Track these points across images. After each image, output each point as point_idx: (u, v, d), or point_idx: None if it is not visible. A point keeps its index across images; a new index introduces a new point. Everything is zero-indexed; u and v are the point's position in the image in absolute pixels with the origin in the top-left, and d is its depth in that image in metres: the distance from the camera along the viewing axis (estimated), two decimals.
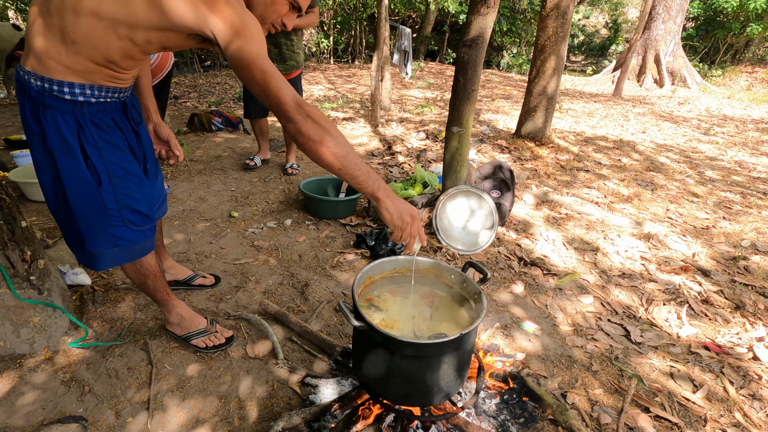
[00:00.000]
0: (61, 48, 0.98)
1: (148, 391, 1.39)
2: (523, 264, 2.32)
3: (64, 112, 1.06)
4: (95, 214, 1.17)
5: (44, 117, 1.05)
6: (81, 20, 0.95)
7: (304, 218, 2.70)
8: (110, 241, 1.23)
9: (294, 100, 0.98)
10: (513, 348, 1.71)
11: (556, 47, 4.06)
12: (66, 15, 0.95)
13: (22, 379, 1.39)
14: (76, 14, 0.95)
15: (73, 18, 0.95)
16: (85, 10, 0.94)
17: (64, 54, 0.99)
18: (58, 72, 1.01)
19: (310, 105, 1.01)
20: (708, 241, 2.70)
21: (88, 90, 1.06)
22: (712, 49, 13.47)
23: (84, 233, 1.19)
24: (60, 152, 1.08)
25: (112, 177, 1.17)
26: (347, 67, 11.22)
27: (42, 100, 1.03)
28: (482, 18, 1.96)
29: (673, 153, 4.80)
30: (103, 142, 1.14)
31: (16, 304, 1.41)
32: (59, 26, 0.96)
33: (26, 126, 1.09)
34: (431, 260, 1.38)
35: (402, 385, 1.11)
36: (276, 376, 1.50)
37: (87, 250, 1.22)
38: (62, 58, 0.99)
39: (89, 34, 0.97)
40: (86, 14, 0.95)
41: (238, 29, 0.96)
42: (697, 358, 1.71)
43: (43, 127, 1.06)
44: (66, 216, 1.18)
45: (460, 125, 2.19)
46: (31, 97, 1.04)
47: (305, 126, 0.98)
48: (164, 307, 1.56)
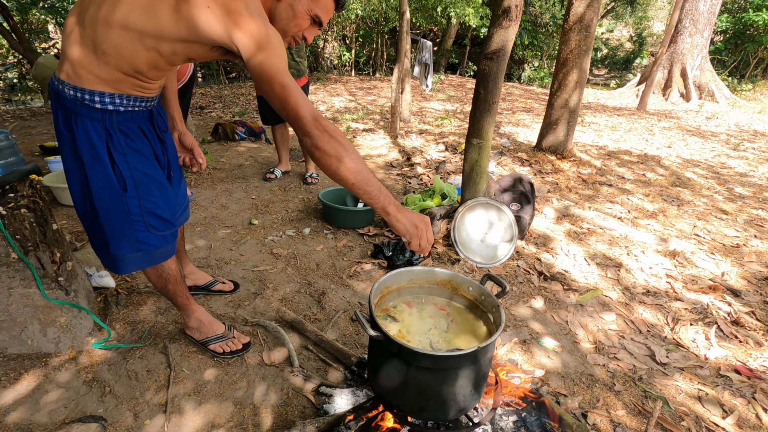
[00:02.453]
0: (92, 58, 1.03)
1: (166, 394, 1.41)
2: (543, 278, 2.27)
3: (94, 120, 1.11)
4: (120, 218, 1.21)
5: (75, 124, 1.10)
6: (111, 32, 1.00)
7: (322, 227, 2.72)
8: (133, 246, 1.26)
9: (312, 115, 1.00)
10: (532, 364, 1.67)
11: (578, 60, 4.03)
12: (98, 27, 1.00)
13: (47, 378, 1.43)
14: (107, 26, 0.99)
15: (104, 29, 1.00)
16: (115, 22, 0.99)
17: (95, 64, 1.04)
18: (90, 82, 1.06)
19: (326, 120, 1.03)
20: (738, 259, 2.60)
21: (117, 99, 1.11)
22: (741, 62, 13.12)
23: (108, 237, 1.23)
24: (89, 158, 1.13)
25: (137, 183, 1.21)
26: (368, 79, 11.36)
27: (74, 108, 1.08)
28: (504, 31, 1.96)
29: (700, 168, 4.66)
30: (129, 150, 1.18)
31: (45, 304, 1.46)
32: (92, 37, 1.01)
33: (58, 133, 1.15)
34: (449, 272, 1.37)
35: (417, 397, 1.10)
36: (291, 384, 1.50)
37: (111, 253, 1.26)
38: (93, 68, 1.04)
39: (118, 45, 1.01)
40: (116, 26, 0.99)
41: (262, 44, 0.98)
42: (726, 382, 1.63)
43: (74, 134, 1.11)
44: (92, 220, 1.23)
45: (480, 137, 2.19)
46: (64, 105, 1.09)
47: (321, 141, 1.00)
48: (184, 311, 1.59)
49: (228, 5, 0.97)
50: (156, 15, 0.99)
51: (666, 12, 19.81)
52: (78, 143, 1.12)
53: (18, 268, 1.39)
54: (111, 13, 0.99)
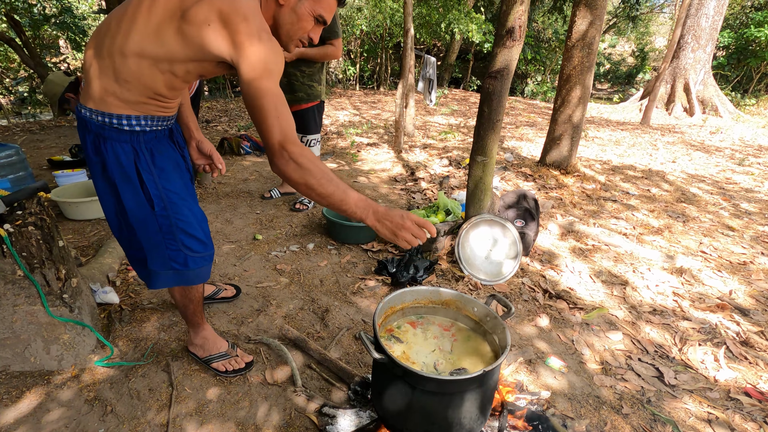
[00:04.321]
0: (115, 87, 1.10)
1: (167, 414, 1.40)
2: (548, 296, 2.25)
3: (123, 142, 1.16)
4: (153, 235, 1.26)
5: (104, 148, 1.16)
6: (128, 61, 1.05)
7: (326, 242, 2.72)
8: (165, 263, 1.30)
9: (279, 141, 1.03)
10: (537, 385, 1.64)
11: (581, 77, 4.06)
12: (115, 57, 1.06)
13: (48, 396, 1.42)
14: (123, 56, 1.05)
15: (121, 59, 1.06)
16: (130, 52, 1.04)
17: (119, 91, 1.10)
18: (116, 107, 1.12)
19: (295, 146, 1.04)
20: (746, 277, 2.57)
21: (143, 120, 1.17)
22: (744, 77, 13.17)
23: (146, 252, 1.28)
24: (119, 179, 1.18)
25: (166, 202, 1.25)
26: (372, 94, 11.47)
27: (102, 133, 1.14)
28: (508, 51, 1.98)
29: (705, 184, 4.65)
30: (156, 169, 1.23)
31: (49, 321, 1.46)
32: (111, 67, 1.08)
33: (88, 158, 1.20)
34: (454, 292, 1.36)
35: (422, 421, 1.08)
36: (294, 404, 1.49)
37: (147, 268, 1.31)
38: (118, 94, 1.11)
39: (137, 73, 1.08)
40: (131, 55, 1.04)
41: (258, 68, 1.01)
42: (737, 405, 1.60)
43: (104, 158, 1.17)
44: (129, 236, 1.29)
45: (485, 154, 2.20)
46: (92, 131, 1.15)
47: (287, 169, 1.04)
48: (194, 329, 1.59)
49: (228, 22, 0.99)
50: (164, 40, 1.03)
51: (668, 27, 19.99)
52: (108, 166, 1.18)
53: (23, 285, 1.40)
54: (125, 43, 1.05)
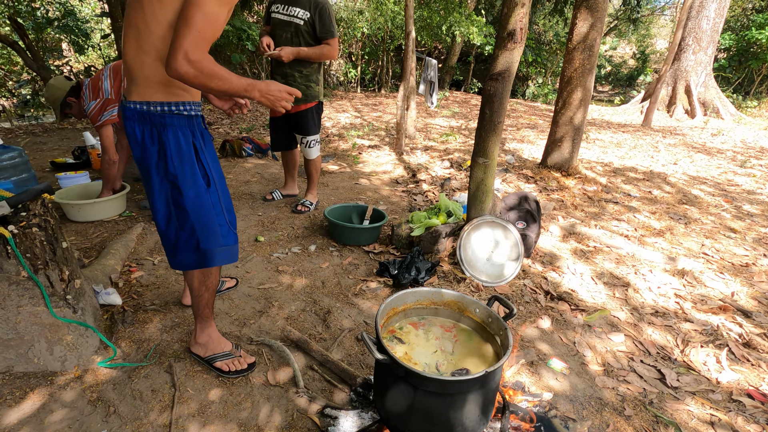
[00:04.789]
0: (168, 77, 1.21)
1: (170, 415, 1.40)
2: (550, 298, 2.25)
3: (183, 127, 1.29)
4: (207, 214, 1.36)
5: (165, 135, 1.27)
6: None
7: (328, 244, 2.72)
8: (217, 240, 1.40)
9: (186, 51, 1.06)
10: (539, 386, 1.64)
11: (582, 79, 4.07)
12: (161, 51, 1.17)
13: (52, 397, 1.43)
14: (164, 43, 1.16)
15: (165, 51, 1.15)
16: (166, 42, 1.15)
17: (174, 80, 1.21)
18: (177, 95, 1.26)
19: (200, 62, 1.09)
20: (748, 279, 2.57)
21: (194, 105, 1.31)
22: (746, 79, 13.17)
23: (198, 234, 1.36)
24: (179, 162, 1.28)
25: (216, 180, 1.37)
26: (373, 96, 11.50)
27: (164, 122, 1.26)
28: (509, 53, 1.99)
29: (707, 185, 4.64)
30: (207, 149, 1.36)
31: (52, 322, 1.47)
32: (160, 60, 1.18)
33: (142, 149, 1.28)
34: (456, 293, 1.36)
35: (424, 422, 1.08)
36: (296, 406, 1.49)
37: (201, 249, 1.38)
38: (175, 83, 1.23)
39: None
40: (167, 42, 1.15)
41: None
42: (740, 407, 1.60)
43: (165, 145, 1.27)
44: (179, 225, 1.36)
45: (486, 156, 2.20)
46: (152, 121, 1.25)
47: (188, 74, 1.08)
48: (201, 324, 1.60)
49: None
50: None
51: (668, 30, 20.00)
52: (168, 152, 1.27)
53: (27, 286, 1.40)
54: (158, 37, 1.16)
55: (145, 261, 2.37)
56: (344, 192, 3.83)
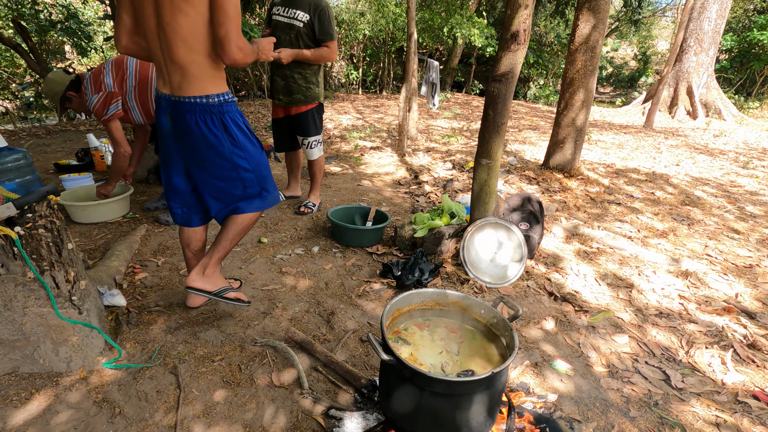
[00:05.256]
0: (215, 71, 1.49)
1: (175, 416, 1.40)
2: (554, 299, 2.25)
3: (235, 111, 1.59)
4: (265, 169, 1.72)
5: (226, 120, 1.55)
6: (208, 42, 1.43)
7: (331, 246, 2.72)
8: (273, 185, 1.78)
9: (235, 42, 1.36)
10: (544, 388, 1.64)
11: (584, 81, 4.07)
12: (206, 50, 1.42)
13: (57, 398, 1.43)
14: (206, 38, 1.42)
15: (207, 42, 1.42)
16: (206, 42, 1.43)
17: (220, 74, 1.51)
18: (224, 86, 1.54)
19: (245, 46, 1.41)
20: (752, 280, 2.56)
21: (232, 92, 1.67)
22: (747, 81, 13.15)
23: (261, 185, 1.71)
24: (241, 137, 1.60)
25: (259, 143, 1.71)
26: (375, 98, 11.51)
27: (221, 110, 1.53)
28: (512, 54, 1.99)
29: (709, 187, 4.64)
30: (246, 122, 1.67)
31: (58, 323, 1.47)
32: (210, 57, 1.44)
33: (203, 139, 1.53)
34: (461, 294, 1.36)
35: (430, 423, 1.08)
36: (300, 407, 1.49)
37: (263, 195, 1.73)
38: (222, 76, 1.52)
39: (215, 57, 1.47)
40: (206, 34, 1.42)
41: None
42: (745, 409, 1.59)
43: (227, 126, 1.55)
44: (245, 184, 1.66)
45: (489, 158, 2.20)
46: (212, 111, 1.51)
47: (237, 58, 1.40)
48: (218, 262, 1.80)
49: None
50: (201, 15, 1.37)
51: (670, 31, 20.00)
52: (232, 132, 1.57)
53: (33, 287, 1.41)
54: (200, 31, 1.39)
55: (149, 262, 2.38)
56: (347, 193, 3.83)
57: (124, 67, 2.56)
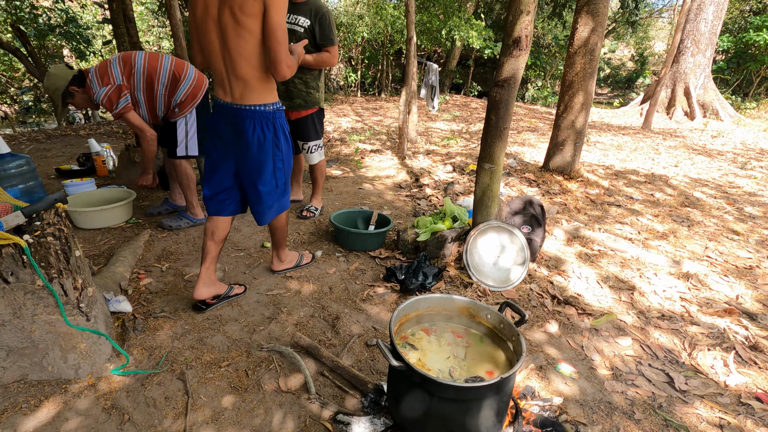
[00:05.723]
0: (266, 83, 1.75)
1: (184, 422, 1.41)
2: (557, 302, 2.27)
3: (281, 118, 1.86)
4: (290, 173, 2.01)
5: (276, 125, 1.83)
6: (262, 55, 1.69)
7: (334, 250, 2.74)
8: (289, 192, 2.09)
9: (286, 61, 1.65)
10: (549, 391, 1.65)
11: (584, 83, 4.09)
12: (264, 65, 1.71)
13: (66, 405, 1.44)
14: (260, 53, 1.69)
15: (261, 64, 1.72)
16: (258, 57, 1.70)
17: (272, 86, 1.79)
18: (276, 97, 1.82)
19: (293, 65, 1.71)
20: (752, 282, 2.58)
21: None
22: (744, 81, 13.22)
23: (288, 187, 2.03)
24: (284, 142, 1.89)
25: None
26: (374, 100, 11.54)
27: (273, 116, 1.81)
28: (515, 60, 2.01)
29: (708, 188, 4.66)
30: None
31: (66, 330, 1.48)
32: (263, 71, 1.72)
33: (256, 141, 1.79)
34: (467, 299, 1.38)
35: (440, 428, 1.10)
36: (308, 412, 1.50)
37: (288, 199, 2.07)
38: (274, 87, 1.80)
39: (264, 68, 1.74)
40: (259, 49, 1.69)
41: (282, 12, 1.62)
42: (748, 410, 1.61)
43: (276, 131, 1.83)
44: (284, 180, 1.96)
45: (492, 162, 2.22)
46: (266, 117, 1.78)
47: (287, 75, 1.70)
48: (283, 248, 2.31)
49: None
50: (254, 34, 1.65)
51: (666, 32, 20.10)
52: (279, 135, 1.85)
53: (42, 295, 1.42)
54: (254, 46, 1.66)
55: (153, 268, 2.38)
56: (348, 197, 3.84)
57: (132, 62, 2.52)
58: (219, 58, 1.70)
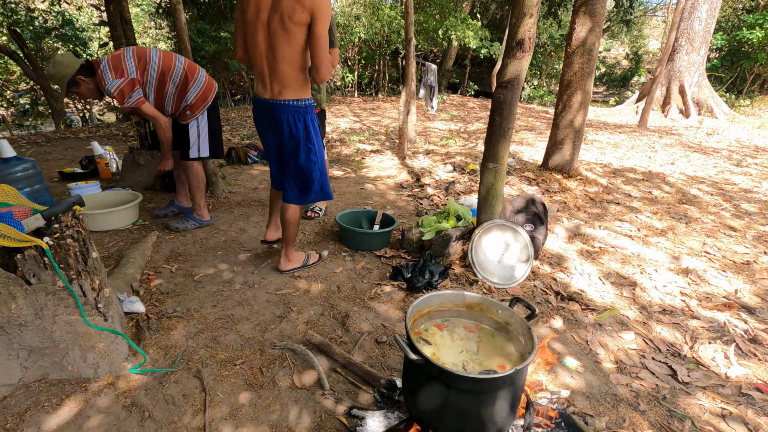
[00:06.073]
0: (302, 80, 2.00)
1: (203, 418, 1.45)
2: (560, 298, 2.31)
3: (312, 112, 2.09)
4: (324, 164, 2.22)
5: (308, 119, 2.07)
6: (301, 57, 1.95)
7: (340, 249, 2.77)
8: (328, 181, 2.27)
9: (326, 66, 1.89)
10: (556, 384, 1.70)
11: (582, 82, 4.15)
12: (300, 63, 1.95)
13: (87, 403, 1.47)
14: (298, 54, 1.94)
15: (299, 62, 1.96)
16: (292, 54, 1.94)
17: (306, 84, 2.03)
18: (309, 93, 2.05)
19: (331, 69, 1.95)
20: (750, 276, 2.64)
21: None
22: (738, 79, 13.36)
23: (322, 179, 2.21)
24: (314, 134, 2.11)
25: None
26: (371, 100, 11.57)
27: (305, 111, 2.05)
28: (518, 61, 2.06)
29: (705, 185, 4.73)
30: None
31: (85, 330, 1.51)
32: (304, 70, 1.98)
33: (290, 129, 2.05)
34: (478, 295, 1.42)
35: (457, 419, 1.14)
36: (323, 407, 1.53)
37: (323, 189, 2.24)
38: (309, 85, 2.04)
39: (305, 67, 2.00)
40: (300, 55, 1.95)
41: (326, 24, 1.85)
42: (749, 400, 1.66)
43: (307, 124, 2.07)
44: (315, 170, 2.16)
45: (496, 161, 2.26)
46: (299, 111, 2.03)
47: (327, 77, 1.94)
48: (291, 246, 2.38)
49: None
50: (298, 42, 1.90)
51: (660, 30, 20.24)
52: (310, 128, 2.09)
53: (62, 296, 1.45)
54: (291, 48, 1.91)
55: (162, 269, 2.41)
56: (351, 197, 3.88)
57: (147, 57, 2.53)
58: (263, 58, 1.92)
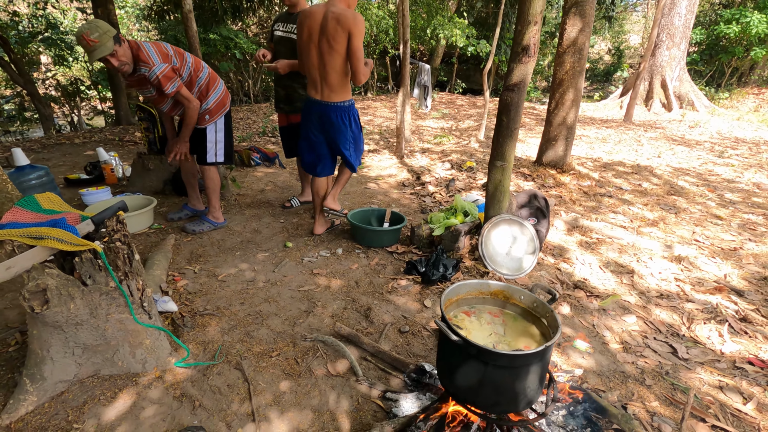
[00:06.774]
0: (344, 84, 2.58)
1: (250, 405, 1.55)
2: (566, 287, 2.47)
3: (355, 110, 2.72)
4: (362, 144, 2.88)
5: (351, 115, 2.68)
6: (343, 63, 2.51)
7: (353, 247, 2.89)
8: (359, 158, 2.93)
9: (364, 73, 2.48)
10: (570, 364, 1.85)
11: (573, 81, 4.32)
12: (341, 69, 2.52)
13: (139, 395, 1.57)
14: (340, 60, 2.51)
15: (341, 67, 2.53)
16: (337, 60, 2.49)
17: (348, 87, 2.61)
18: (350, 95, 2.65)
19: (368, 75, 2.52)
20: (737, 262, 2.83)
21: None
22: (717, 72, 13.80)
23: (359, 155, 2.87)
24: (356, 126, 2.75)
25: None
26: (361, 99, 11.66)
27: (349, 109, 2.65)
28: (524, 66, 2.20)
29: (690, 176, 4.96)
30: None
31: (134, 327, 1.60)
32: (346, 74, 2.54)
33: (338, 124, 2.65)
34: (501, 283, 1.55)
35: (492, 393, 1.27)
36: (358, 392, 1.66)
37: (358, 161, 2.87)
38: (350, 87, 2.64)
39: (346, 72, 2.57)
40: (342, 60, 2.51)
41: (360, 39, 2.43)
42: (743, 373, 1.83)
43: (351, 119, 2.68)
44: (356, 151, 2.82)
45: (503, 160, 2.40)
46: (342, 109, 2.61)
47: (364, 81, 2.52)
48: (337, 192, 3.02)
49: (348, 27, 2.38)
50: (340, 52, 2.47)
51: (641, 26, 20.69)
52: (353, 122, 2.71)
53: (114, 296, 1.54)
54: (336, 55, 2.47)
55: (186, 270, 2.50)
56: (356, 196, 3.99)
57: (184, 56, 2.60)
58: (316, 69, 2.52)
